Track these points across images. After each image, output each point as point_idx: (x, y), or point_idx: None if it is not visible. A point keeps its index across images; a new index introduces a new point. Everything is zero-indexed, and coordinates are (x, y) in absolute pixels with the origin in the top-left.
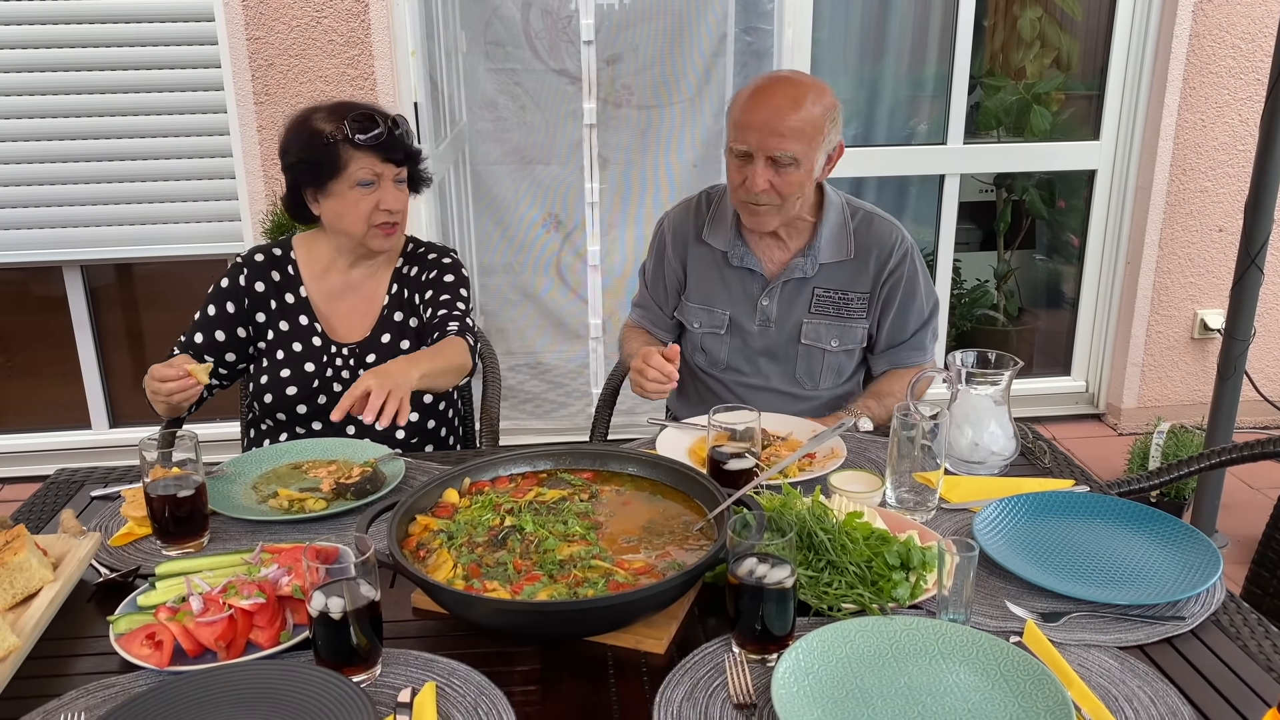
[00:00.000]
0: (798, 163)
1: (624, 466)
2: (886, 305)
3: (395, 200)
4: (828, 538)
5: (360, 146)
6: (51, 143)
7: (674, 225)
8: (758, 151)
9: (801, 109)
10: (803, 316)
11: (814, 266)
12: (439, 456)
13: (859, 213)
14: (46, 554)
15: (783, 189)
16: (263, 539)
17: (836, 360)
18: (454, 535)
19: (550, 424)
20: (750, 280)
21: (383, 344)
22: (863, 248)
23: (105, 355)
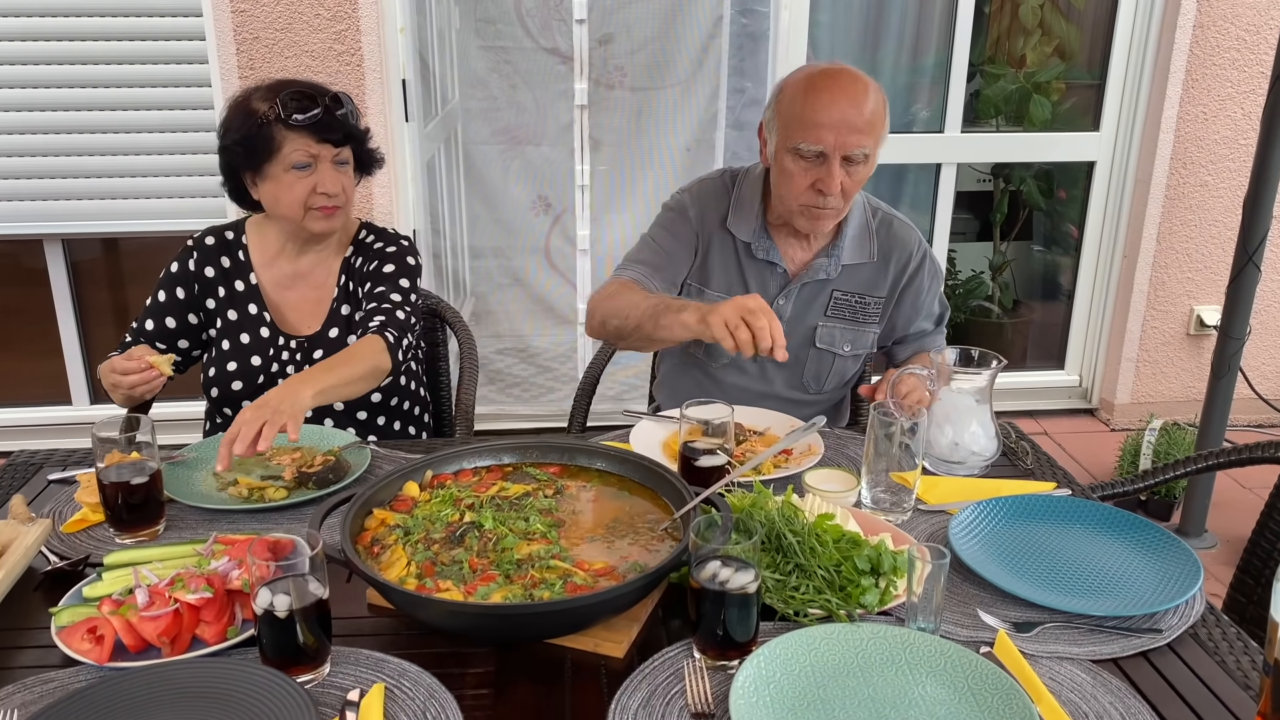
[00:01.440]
0: (868, 159)
1: (592, 461)
2: (900, 308)
3: (333, 183)
4: (796, 540)
5: (294, 127)
6: (32, 113)
7: (701, 203)
8: (834, 151)
9: (870, 100)
10: (818, 319)
11: (837, 268)
12: (407, 445)
13: (879, 213)
14: None
15: (850, 188)
16: (220, 528)
17: (845, 365)
18: (410, 531)
19: (536, 409)
20: (770, 276)
21: (330, 339)
22: (884, 250)
23: (86, 330)
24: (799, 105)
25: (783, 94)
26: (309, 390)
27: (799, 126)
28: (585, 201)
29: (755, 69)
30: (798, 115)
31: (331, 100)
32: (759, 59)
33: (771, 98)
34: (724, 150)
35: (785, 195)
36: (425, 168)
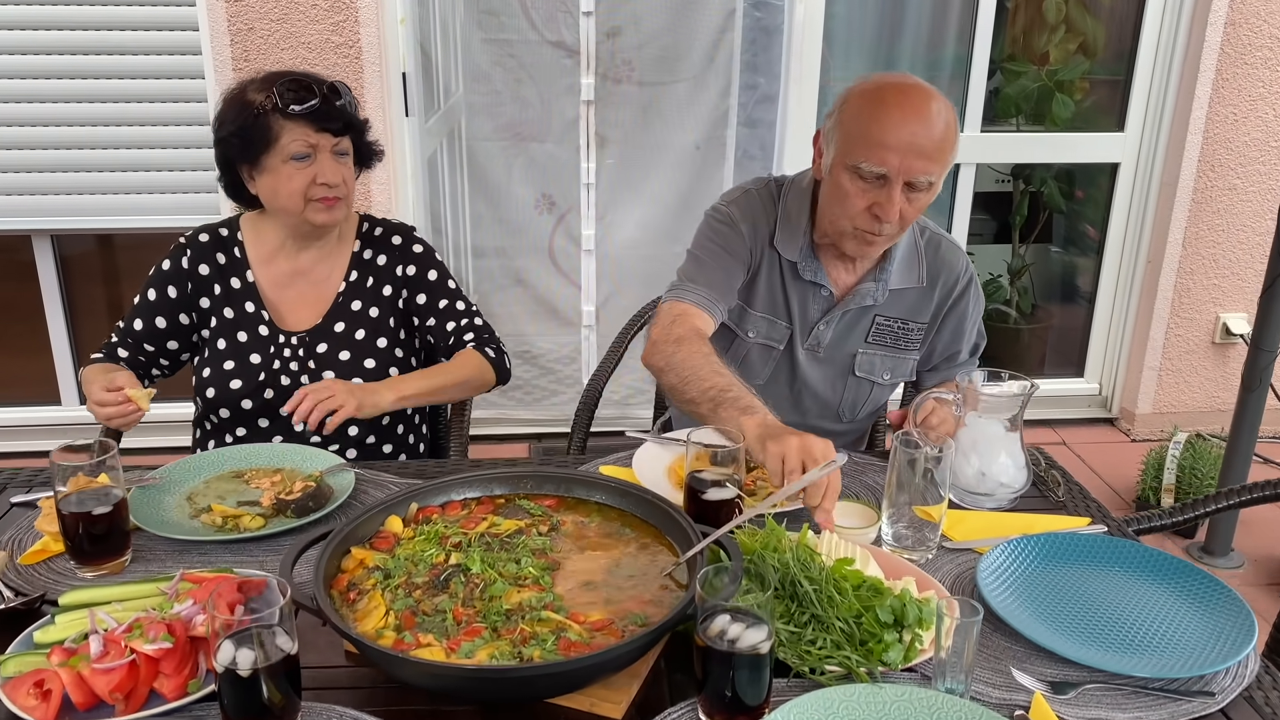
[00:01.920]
0: (931, 186)
1: (591, 494)
2: (940, 334)
3: (333, 173)
4: (813, 588)
5: (292, 116)
6: (19, 105)
7: (752, 217)
8: (898, 175)
9: (943, 123)
10: (858, 346)
11: (884, 293)
12: (396, 467)
13: (927, 232)
14: None
15: (909, 216)
16: (190, 560)
17: (881, 393)
18: (391, 574)
19: (539, 413)
20: (814, 299)
21: (335, 333)
22: (932, 273)
23: (76, 329)
24: (864, 119)
25: (847, 104)
26: (391, 395)
27: (862, 143)
28: (591, 200)
29: (768, 64)
30: (862, 131)
31: (329, 89)
32: (772, 54)
33: (835, 106)
34: (735, 148)
35: (837, 215)
36: (426, 164)
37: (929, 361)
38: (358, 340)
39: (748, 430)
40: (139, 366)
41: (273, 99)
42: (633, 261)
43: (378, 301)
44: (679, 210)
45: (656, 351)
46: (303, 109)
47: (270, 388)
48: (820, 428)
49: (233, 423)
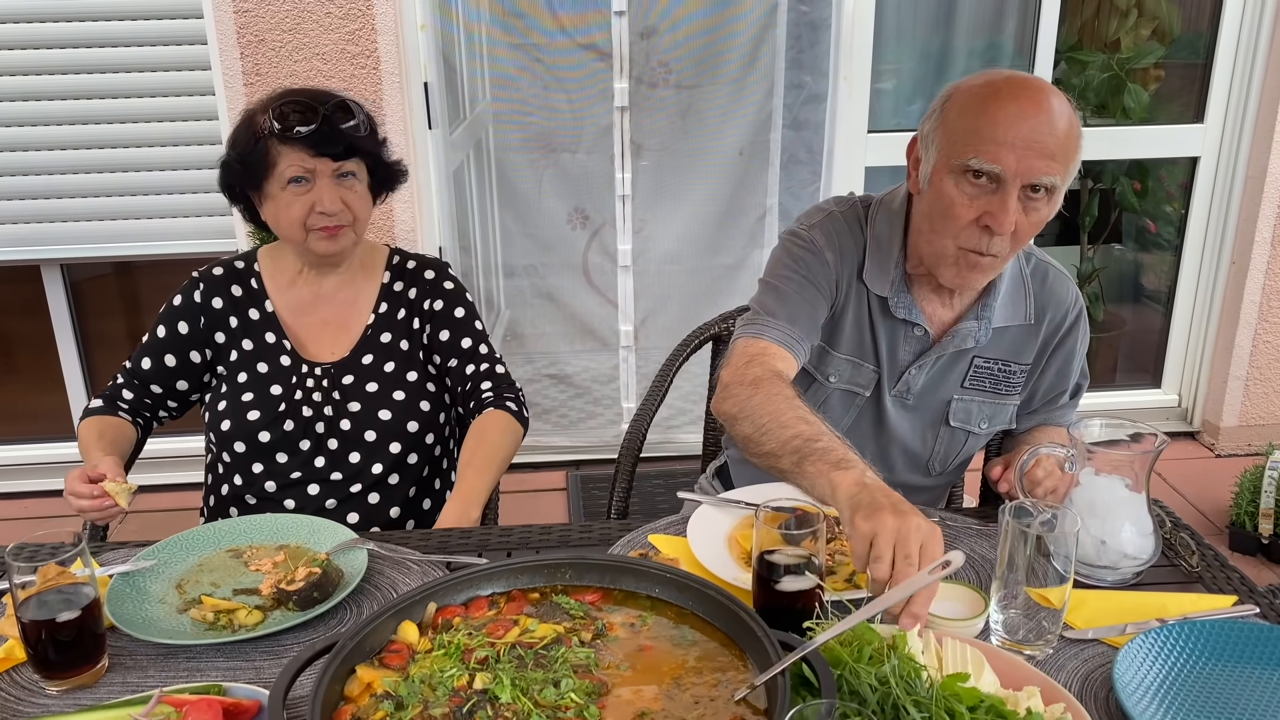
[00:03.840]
0: (1050, 195)
1: (642, 585)
2: (1044, 375)
3: (331, 200)
4: (921, 716)
5: (289, 140)
6: (23, 129)
7: (839, 245)
8: (1014, 177)
9: (1067, 120)
10: (953, 392)
11: (987, 333)
12: (417, 539)
13: (1032, 260)
14: None
15: (1025, 232)
16: (176, 667)
17: (976, 443)
18: (404, 703)
19: (575, 439)
20: (906, 340)
21: (363, 365)
22: (1040, 309)
23: (90, 361)
24: (974, 114)
25: (952, 100)
26: (476, 511)
27: (974, 139)
28: (626, 213)
29: (815, 61)
30: (972, 126)
31: (335, 109)
32: (819, 50)
33: (935, 106)
34: (781, 153)
35: (939, 232)
36: (451, 178)
37: (1029, 405)
38: (386, 373)
39: (839, 490)
40: (144, 409)
41: (270, 122)
42: (673, 277)
43: (408, 335)
44: (721, 221)
45: (729, 396)
46: (298, 133)
47: (291, 419)
48: (907, 483)
49: (248, 459)
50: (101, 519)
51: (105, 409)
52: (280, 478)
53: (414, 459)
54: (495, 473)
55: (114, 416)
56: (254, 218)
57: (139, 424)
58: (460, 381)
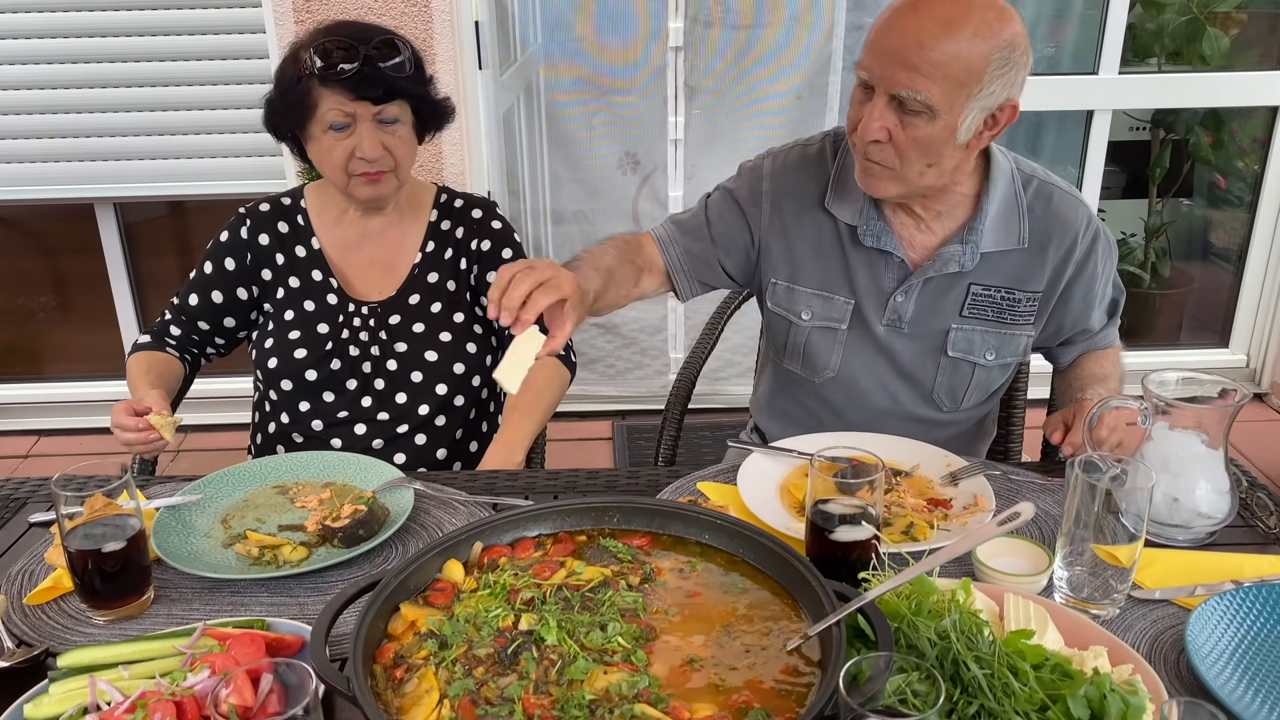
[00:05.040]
0: (932, 112)
1: (692, 531)
2: (1068, 305)
3: (372, 145)
4: (983, 671)
5: (329, 82)
6: (75, 66)
7: (784, 180)
8: (879, 84)
9: (953, 38)
10: (951, 320)
11: (974, 257)
12: (464, 479)
13: (1033, 183)
14: None
15: (902, 144)
16: (220, 601)
17: (988, 375)
18: (448, 642)
19: (622, 388)
20: (884, 266)
21: (410, 305)
22: (1039, 233)
23: (142, 300)
24: (875, 24)
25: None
26: (520, 454)
27: (864, 47)
28: (678, 158)
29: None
30: (869, 35)
31: (378, 47)
32: None
33: None
34: (840, 96)
35: (850, 135)
36: (501, 121)
37: (1058, 336)
38: (433, 313)
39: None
40: (192, 345)
41: (312, 59)
42: None
43: (454, 275)
44: None
45: None
46: (338, 73)
47: (337, 358)
48: (918, 416)
49: (294, 397)
50: (146, 452)
51: (153, 344)
52: (327, 417)
53: (460, 401)
54: (541, 417)
55: (161, 352)
56: (303, 154)
57: (187, 360)
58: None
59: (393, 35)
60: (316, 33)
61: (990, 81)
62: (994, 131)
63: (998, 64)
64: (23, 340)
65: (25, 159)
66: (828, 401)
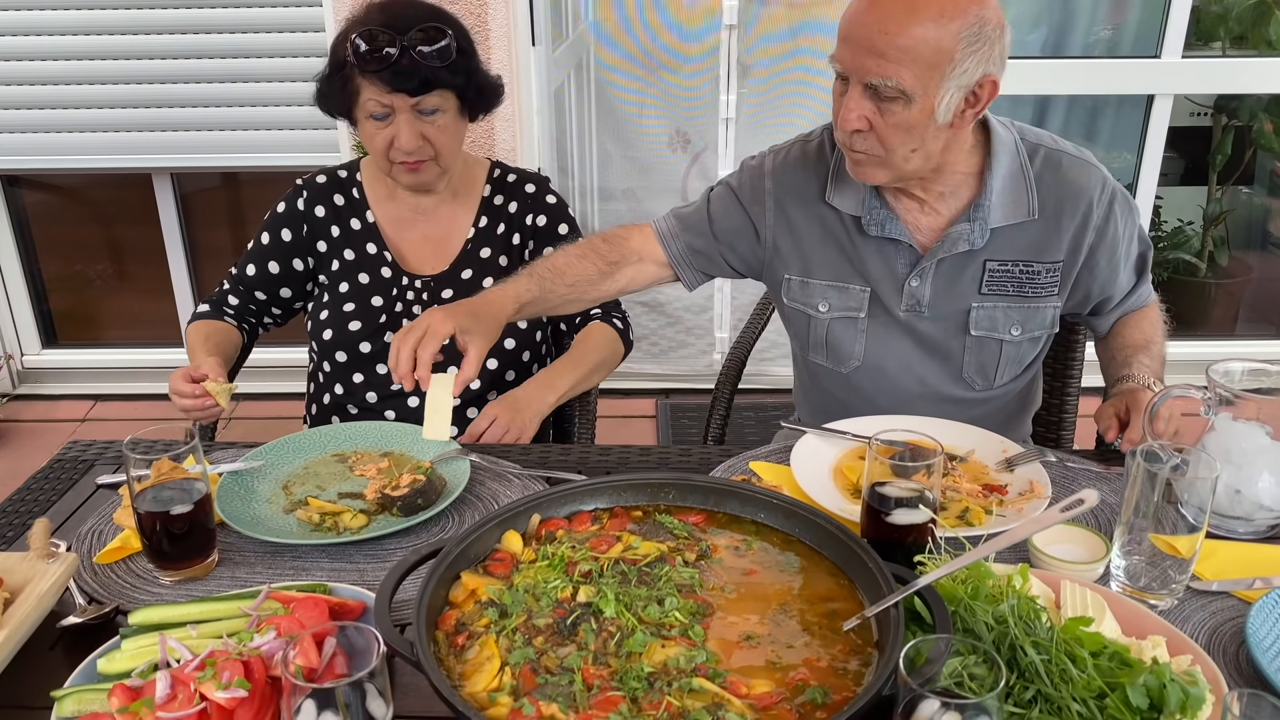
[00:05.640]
0: (907, 97)
1: (747, 510)
2: (1093, 272)
3: (409, 137)
4: (1041, 657)
5: (366, 72)
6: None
7: (785, 177)
8: (852, 74)
9: (918, 21)
10: (971, 300)
11: (984, 234)
12: (517, 452)
13: (1040, 152)
14: (2, 584)
15: (882, 132)
16: (282, 566)
17: (1017, 350)
18: (508, 611)
19: (667, 367)
20: (893, 253)
21: (463, 279)
22: (1051, 203)
23: (197, 270)
24: (844, 14)
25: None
26: (552, 396)
27: (837, 39)
28: (729, 137)
29: None
30: (840, 26)
31: (417, 36)
32: None
33: None
34: None
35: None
36: (553, 98)
37: (1088, 303)
38: (485, 288)
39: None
40: (249, 315)
41: (350, 49)
42: None
43: (507, 249)
44: None
45: None
46: (374, 65)
47: (391, 331)
48: (951, 396)
49: (349, 368)
50: (202, 418)
51: (212, 313)
52: (380, 389)
53: (511, 376)
54: (587, 370)
55: (220, 321)
56: None
57: (244, 329)
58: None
59: (438, 20)
60: (359, 18)
61: (962, 60)
62: (976, 109)
63: (968, 41)
64: (80, 307)
65: (86, 128)
66: (858, 390)
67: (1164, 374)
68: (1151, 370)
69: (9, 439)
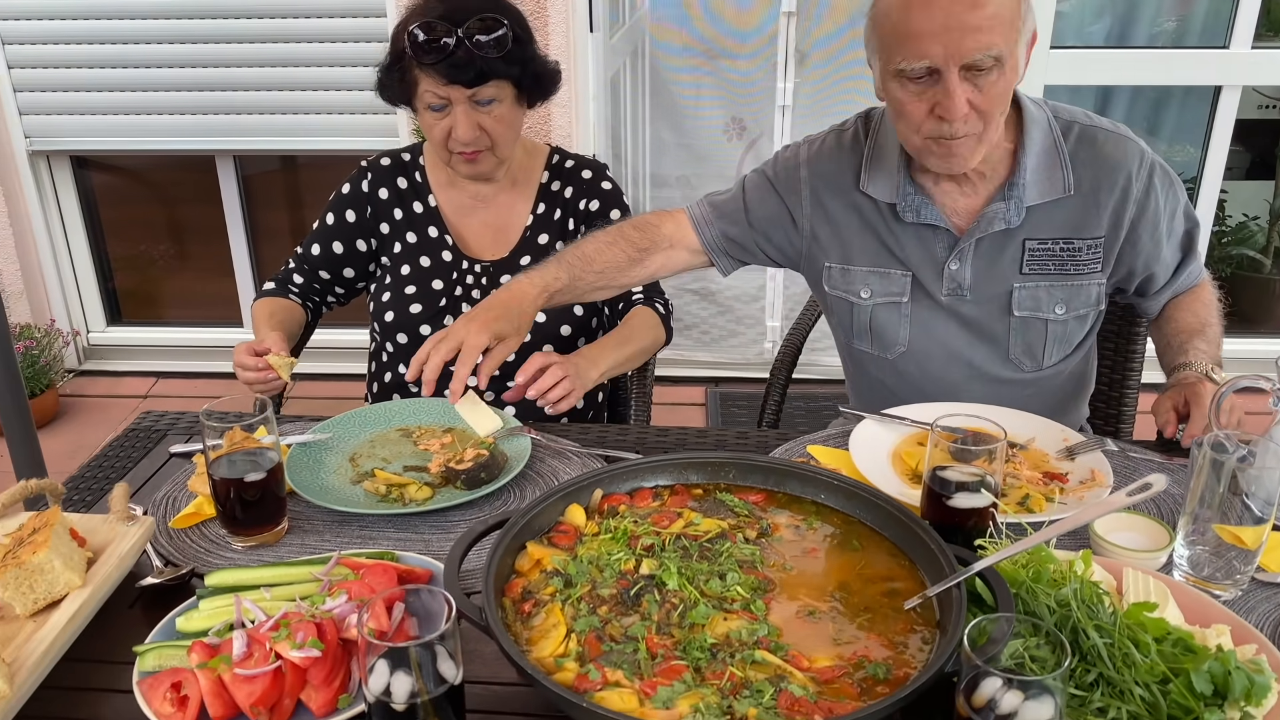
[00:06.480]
0: (1000, 63)
1: (807, 490)
2: (1136, 248)
3: (466, 129)
4: (1104, 640)
5: (422, 65)
6: (202, 22)
7: (820, 167)
8: (948, 63)
9: None
10: (1012, 280)
11: (1019, 212)
12: (576, 432)
13: (1074, 129)
14: (85, 544)
15: (986, 106)
16: (350, 534)
17: (1063, 329)
18: (573, 581)
19: (717, 355)
20: (931, 237)
21: (521, 266)
22: (1088, 178)
23: (258, 250)
24: (892, 14)
25: (876, 6)
26: (595, 372)
27: (896, 41)
28: (786, 125)
29: None
30: (892, 28)
31: (475, 26)
32: None
33: (867, 13)
34: None
35: (904, 132)
36: (609, 85)
37: (1132, 279)
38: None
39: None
40: (314, 293)
41: (408, 40)
42: None
43: (563, 235)
44: None
45: None
46: (431, 58)
47: (450, 314)
48: (999, 377)
49: (409, 350)
50: (265, 391)
51: (277, 291)
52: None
53: None
54: (628, 351)
55: (284, 298)
56: None
57: (308, 307)
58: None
59: (495, 9)
60: (420, 6)
61: (1025, 11)
62: (1027, 63)
63: None
64: (144, 286)
65: (152, 111)
66: (905, 375)
67: (1221, 355)
68: (1209, 355)
69: (74, 413)
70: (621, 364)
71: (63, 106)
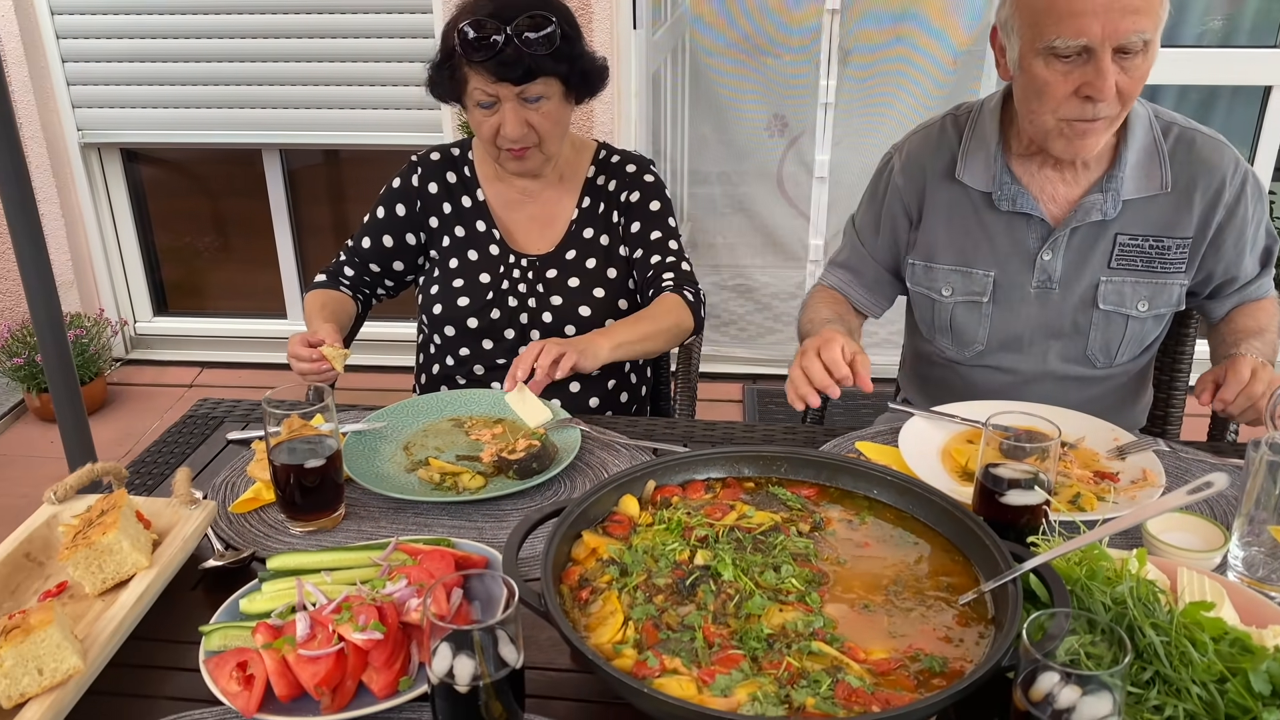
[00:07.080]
0: (1148, 47)
1: (860, 485)
2: (1219, 252)
3: (515, 125)
4: (1161, 639)
5: (471, 63)
6: (249, 17)
7: (910, 160)
8: (1104, 42)
9: None
10: (1100, 273)
11: (1116, 205)
12: (624, 424)
13: (1173, 129)
14: (149, 526)
15: (1129, 88)
16: (405, 521)
17: (1141, 327)
18: (629, 570)
19: (755, 351)
20: (1025, 228)
21: (567, 260)
22: (1184, 178)
23: (302, 243)
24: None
25: None
26: (607, 344)
27: (1051, 18)
28: (828, 122)
29: None
30: (1050, 3)
31: (524, 24)
32: None
33: None
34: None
35: (1038, 112)
36: (650, 81)
37: (1209, 284)
38: (589, 269)
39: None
40: (364, 285)
41: (457, 38)
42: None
43: (608, 229)
44: None
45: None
46: (480, 56)
47: (497, 308)
48: (1068, 375)
49: (457, 342)
50: (318, 381)
51: (329, 283)
52: (487, 362)
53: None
54: (646, 330)
55: (336, 290)
56: None
57: (359, 299)
58: (644, 272)
59: (544, 6)
60: (470, 4)
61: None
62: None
63: None
64: (189, 277)
65: (200, 105)
66: (975, 370)
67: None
68: (1262, 353)
69: (121, 401)
70: (638, 340)
71: (114, 100)
